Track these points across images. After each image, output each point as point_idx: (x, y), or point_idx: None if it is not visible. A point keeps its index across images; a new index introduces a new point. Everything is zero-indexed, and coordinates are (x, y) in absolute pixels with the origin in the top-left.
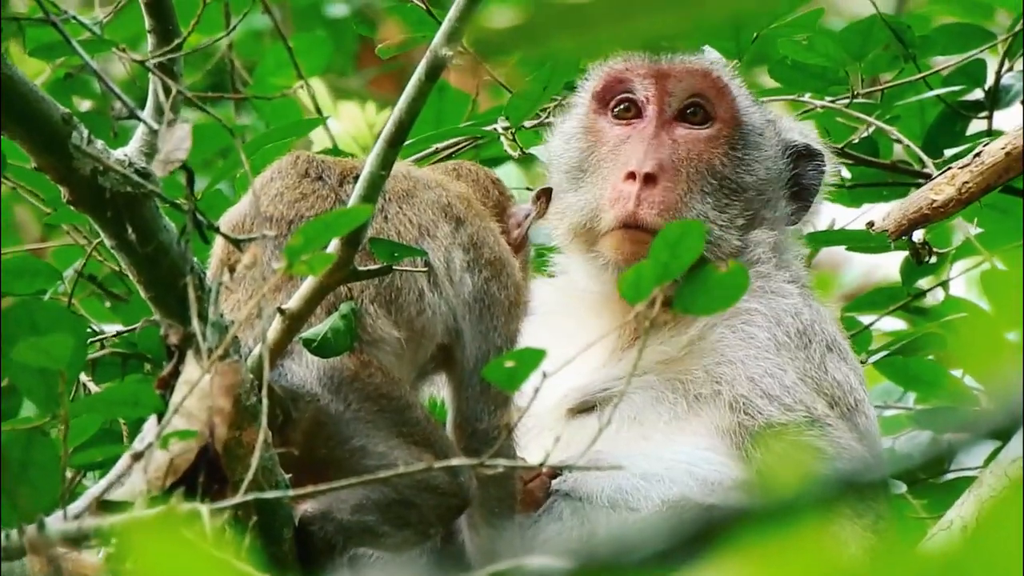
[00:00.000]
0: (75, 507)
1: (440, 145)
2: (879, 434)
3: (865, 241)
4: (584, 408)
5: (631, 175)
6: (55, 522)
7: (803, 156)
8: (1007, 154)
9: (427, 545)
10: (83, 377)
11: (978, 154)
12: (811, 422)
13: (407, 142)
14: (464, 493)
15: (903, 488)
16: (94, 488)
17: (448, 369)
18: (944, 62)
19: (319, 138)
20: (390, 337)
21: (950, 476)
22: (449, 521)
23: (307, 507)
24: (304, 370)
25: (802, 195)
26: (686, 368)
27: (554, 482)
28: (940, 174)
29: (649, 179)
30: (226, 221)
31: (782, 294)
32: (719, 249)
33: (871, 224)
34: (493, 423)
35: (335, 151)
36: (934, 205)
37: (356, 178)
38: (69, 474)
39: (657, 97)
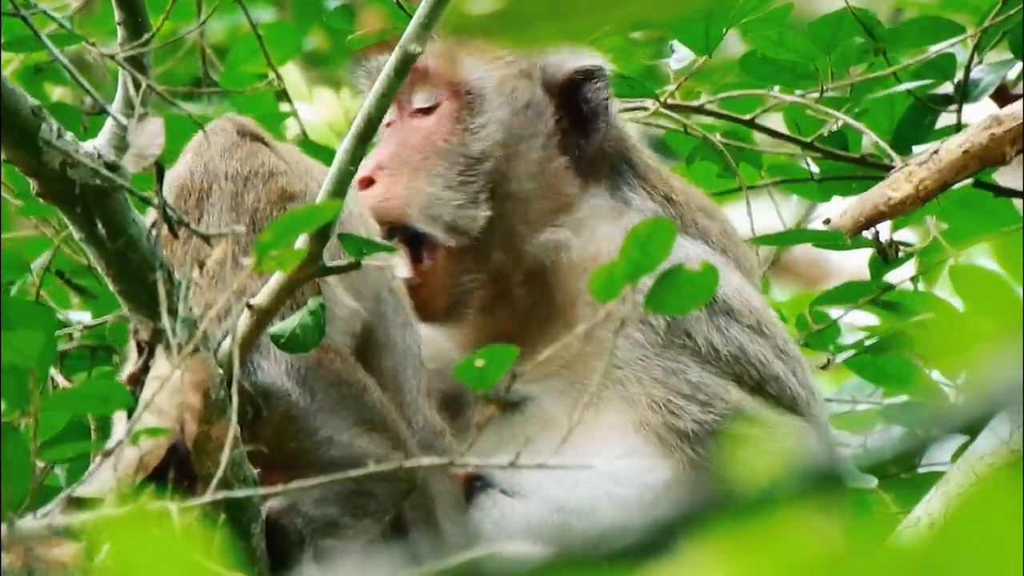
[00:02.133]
0: (46, 507)
1: None
2: (800, 381)
3: (826, 238)
4: (510, 404)
5: (359, 182)
6: (25, 520)
7: (582, 83)
8: (964, 152)
9: (382, 538)
10: (52, 371)
11: (936, 152)
12: (732, 412)
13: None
14: (413, 477)
15: (874, 483)
16: (68, 490)
17: (379, 368)
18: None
19: (294, 126)
20: (345, 311)
21: (921, 471)
22: (400, 505)
23: (273, 502)
24: (273, 365)
25: (592, 120)
26: (585, 370)
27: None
28: (897, 171)
29: (367, 182)
30: (171, 181)
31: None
32: (472, 223)
33: (827, 221)
34: (433, 415)
35: (305, 141)
36: (891, 202)
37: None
38: (40, 466)
39: (398, 97)
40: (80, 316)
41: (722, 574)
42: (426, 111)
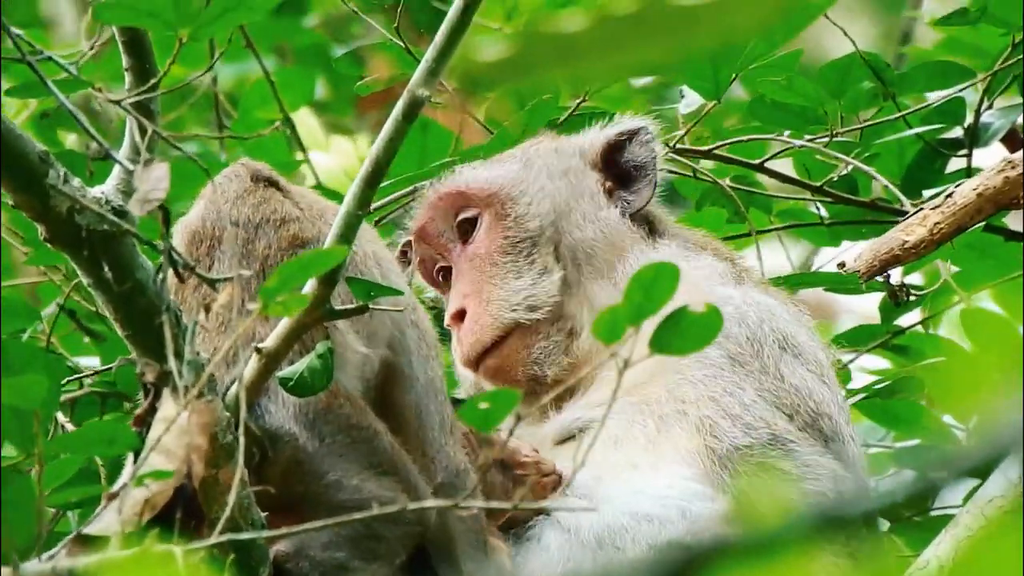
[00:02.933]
0: (52, 551)
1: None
2: (850, 433)
3: (839, 281)
4: (564, 438)
5: (452, 319)
6: (30, 564)
7: (626, 142)
8: (979, 195)
9: None
10: (61, 418)
11: (950, 195)
12: (773, 441)
13: (390, 181)
14: (427, 521)
15: (886, 526)
16: (72, 533)
17: (401, 401)
18: (924, 100)
19: (308, 172)
20: (357, 357)
21: (933, 513)
22: (411, 548)
23: (280, 546)
24: (280, 409)
25: (641, 175)
26: (650, 392)
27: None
28: (912, 215)
29: (458, 317)
30: (183, 228)
31: (717, 298)
32: (548, 290)
33: (843, 265)
34: (459, 454)
35: (319, 186)
36: (906, 246)
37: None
38: (51, 512)
39: (431, 250)
40: (91, 362)
41: None
42: (471, 226)
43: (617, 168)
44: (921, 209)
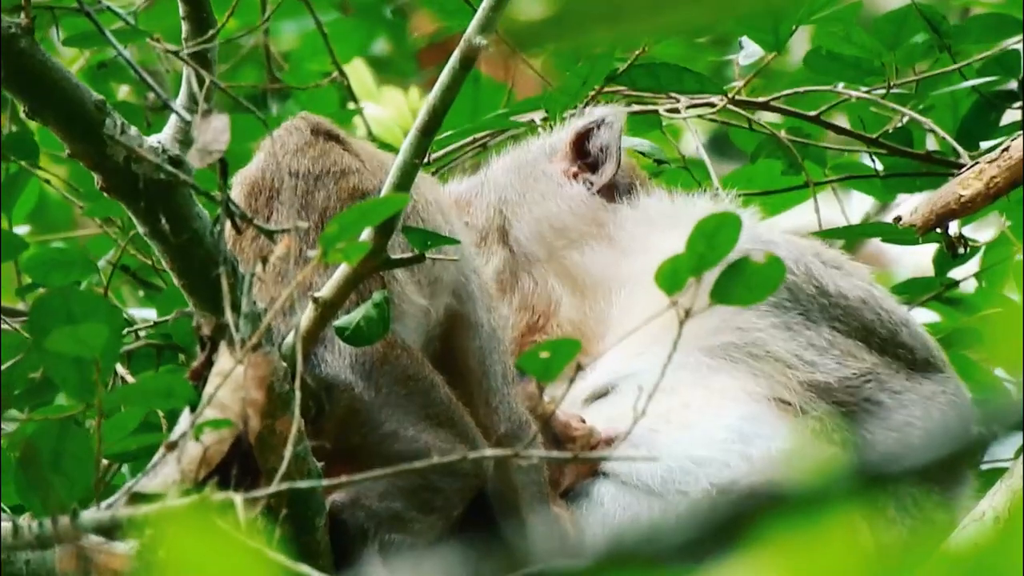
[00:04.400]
0: (110, 499)
1: (477, 136)
2: (923, 333)
3: (896, 233)
4: (598, 396)
5: None
6: (88, 513)
7: (593, 130)
8: None
9: (461, 531)
10: (120, 369)
11: (1006, 148)
12: (863, 374)
13: (444, 134)
14: (484, 473)
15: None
16: (130, 481)
17: (466, 348)
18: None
19: (361, 124)
20: (416, 308)
21: (985, 467)
22: (468, 501)
23: (336, 496)
24: (337, 359)
25: (607, 156)
26: (697, 326)
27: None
28: (967, 168)
29: None
30: (242, 180)
31: (763, 241)
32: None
33: (898, 219)
34: (521, 405)
35: (371, 137)
36: (961, 200)
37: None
38: (105, 463)
39: None
40: (146, 314)
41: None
42: None
43: (588, 156)
44: (977, 163)
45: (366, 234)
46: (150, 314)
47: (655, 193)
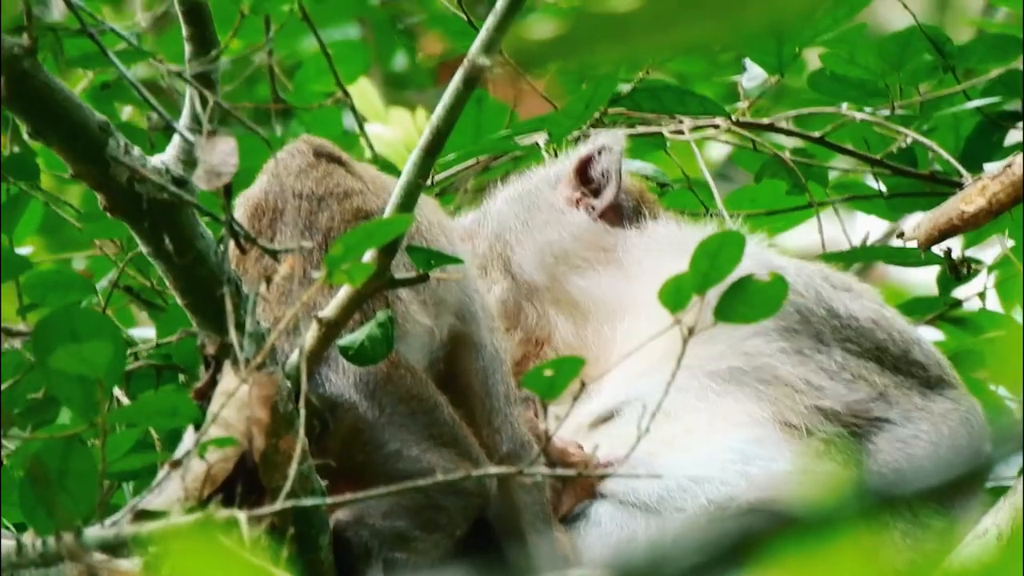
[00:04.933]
0: (114, 516)
1: (481, 157)
2: (935, 351)
3: (898, 255)
4: (603, 419)
5: None
6: (93, 530)
7: (595, 157)
8: None
9: (457, 552)
10: (116, 391)
11: (1009, 165)
12: (874, 397)
13: (448, 156)
14: (487, 492)
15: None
16: (135, 499)
17: (469, 368)
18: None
19: (366, 145)
20: (420, 328)
21: (989, 486)
22: (472, 520)
23: (339, 515)
24: (341, 378)
25: (608, 180)
26: (703, 351)
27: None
28: (971, 185)
29: None
30: (245, 202)
31: (773, 265)
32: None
33: (902, 234)
34: (522, 426)
35: (375, 160)
36: (964, 216)
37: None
38: (106, 484)
39: None
40: (146, 334)
41: None
42: None
43: (591, 183)
44: (980, 179)
45: (369, 255)
46: (149, 334)
47: (663, 219)
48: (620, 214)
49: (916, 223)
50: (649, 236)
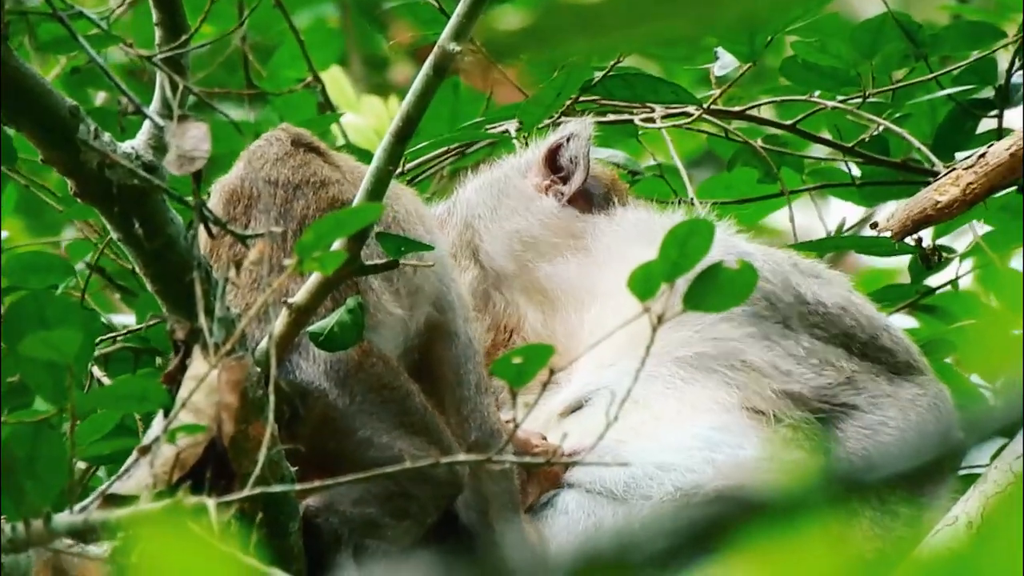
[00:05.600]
0: (83, 503)
1: (453, 145)
2: (903, 337)
3: (871, 245)
4: (574, 408)
5: None
6: (62, 516)
7: (564, 144)
8: (1012, 155)
9: (431, 539)
10: (97, 372)
11: (983, 155)
12: (841, 382)
13: (422, 144)
14: (459, 481)
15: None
16: (103, 485)
17: (441, 356)
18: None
19: (339, 132)
20: (393, 318)
21: (961, 472)
22: (443, 509)
23: (310, 501)
24: (311, 365)
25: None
26: (671, 337)
27: (565, 474)
28: (944, 175)
29: None
30: (221, 188)
31: (739, 251)
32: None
33: (875, 225)
34: (493, 415)
35: (349, 146)
36: (938, 206)
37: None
38: (82, 467)
39: None
40: (124, 319)
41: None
42: None
43: (561, 171)
44: (954, 169)
45: (340, 242)
46: (128, 319)
47: (633, 205)
48: (590, 201)
49: (889, 213)
50: (618, 223)
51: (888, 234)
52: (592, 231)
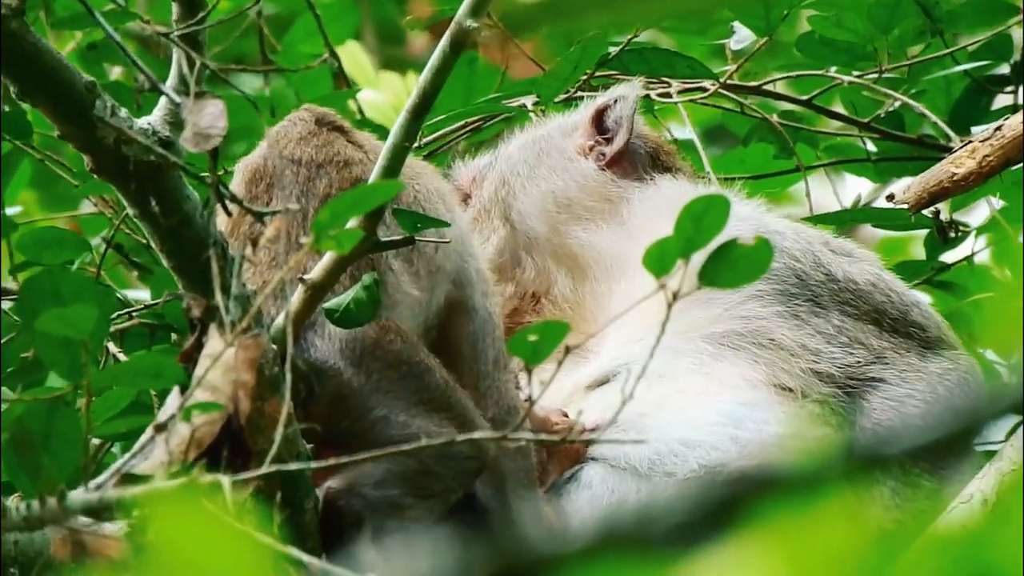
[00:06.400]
0: (98, 479)
1: (469, 120)
2: (934, 313)
3: (887, 218)
4: (601, 382)
5: None
6: (76, 493)
7: (612, 106)
8: None
9: (450, 517)
10: (113, 348)
11: (999, 128)
12: (871, 361)
13: (438, 118)
14: (483, 455)
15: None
16: (118, 462)
17: (460, 331)
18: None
19: (356, 108)
20: (412, 298)
21: (977, 449)
22: (469, 485)
23: (331, 483)
24: (326, 343)
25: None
26: (700, 314)
27: (588, 449)
28: (961, 147)
29: None
30: (244, 167)
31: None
32: (503, 254)
33: (891, 197)
34: (511, 391)
35: (364, 122)
36: (954, 178)
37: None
38: (96, 443)
39: None
40: (140, 295)
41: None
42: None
43: (607, 132)
44: (970, 142)
45: (356, 220)
46: (143, 294)
47: (678, 174)
48: (633, 165)
49: (905, 186)
50: (655, 192)
51: (905, 206)
52: (628, 198)
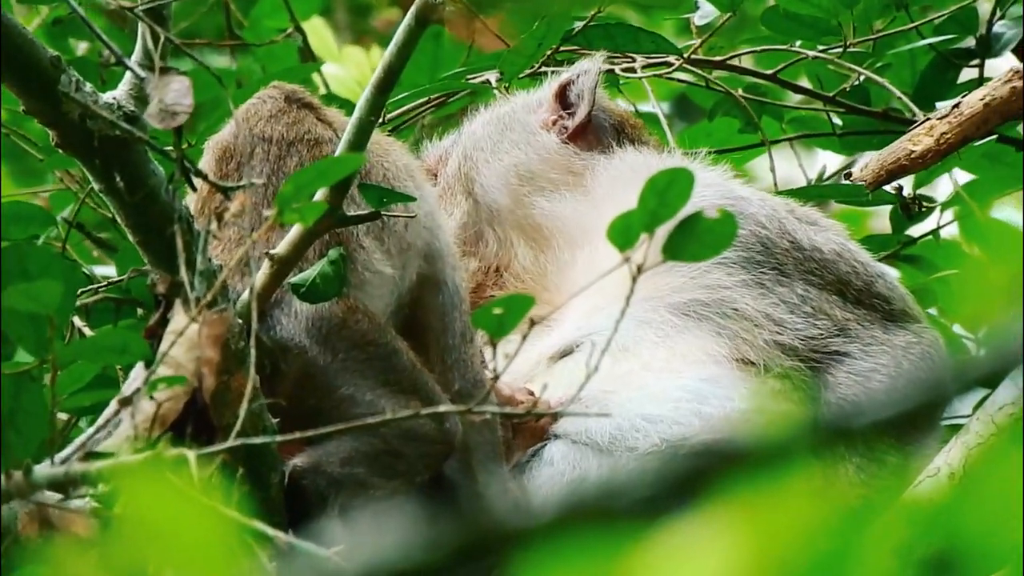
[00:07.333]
0: (63, 454)
1: (434, 96)
2: (899, 285)
3: (849, 193)
4: (565, 353)
5: None
6: (42, 468)
7: (575, 81)
8: (985, 105)
9: (414, 492)
10: (78, 323)
11: (957, 105)
12: (835, 333)
13: (404, 94)
14: (450, 439)
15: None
16: (83, 436)
17: (429, 305)
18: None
19: (321, 83)
20: (383, 276)
21: (943, 423)
22: (435, 468)
23: (297, 461)
24: (292, 321)
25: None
26: (664, 281)
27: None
28: (918, 124)
29: None
30: (214, 145)
31: (734, 198)
32: (467, 228)
33: (849, 175)
34: (477, 365)
35: (329, 96)
36: (912, 155)
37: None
38: (64, 417)
39: None
40: (105, 271)
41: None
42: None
43: (571, 107)
44: (928, 119)
45: (321, 193)
46: (109, 271)
47: (640, 145)
48: (598, 138)
49: (864, 163)
50: (619, 163)
51: (863, 183)
52: (591, 169)
